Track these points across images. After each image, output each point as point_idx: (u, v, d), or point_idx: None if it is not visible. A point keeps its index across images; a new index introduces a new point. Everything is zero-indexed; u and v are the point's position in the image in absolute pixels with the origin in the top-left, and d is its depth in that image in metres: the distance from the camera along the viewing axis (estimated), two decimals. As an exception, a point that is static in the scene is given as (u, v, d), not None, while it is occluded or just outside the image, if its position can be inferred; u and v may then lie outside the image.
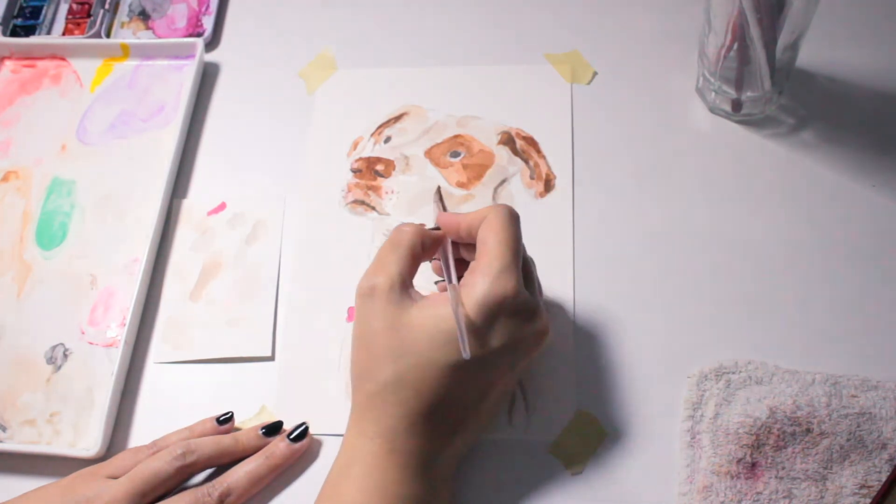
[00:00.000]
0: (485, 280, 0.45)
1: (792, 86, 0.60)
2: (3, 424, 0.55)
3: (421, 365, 0.45)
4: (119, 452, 0.52)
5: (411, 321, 0.46)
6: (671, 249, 0.57)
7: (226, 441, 0.51)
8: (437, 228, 0.51)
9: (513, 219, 0.48)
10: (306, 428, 0.52)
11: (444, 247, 0.50)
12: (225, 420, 0.53)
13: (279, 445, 0.51)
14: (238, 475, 0.50)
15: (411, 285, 0.48)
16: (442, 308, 0.45)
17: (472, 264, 0.48)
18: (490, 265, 0.46)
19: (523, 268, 0.48)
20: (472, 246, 0.49)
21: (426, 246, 0.49)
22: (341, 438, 0.49)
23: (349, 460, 0.47)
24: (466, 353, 0.44)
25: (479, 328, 0.45)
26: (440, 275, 0.53)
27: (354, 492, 0.45)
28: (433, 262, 0.54)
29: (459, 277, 0.49)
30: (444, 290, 0.52)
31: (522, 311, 0.46)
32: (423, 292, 0.49)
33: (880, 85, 0.61)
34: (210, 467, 0.52)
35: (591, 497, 0.50)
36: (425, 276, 0.55)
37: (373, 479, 0.45)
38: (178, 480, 0.50)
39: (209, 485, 0.49)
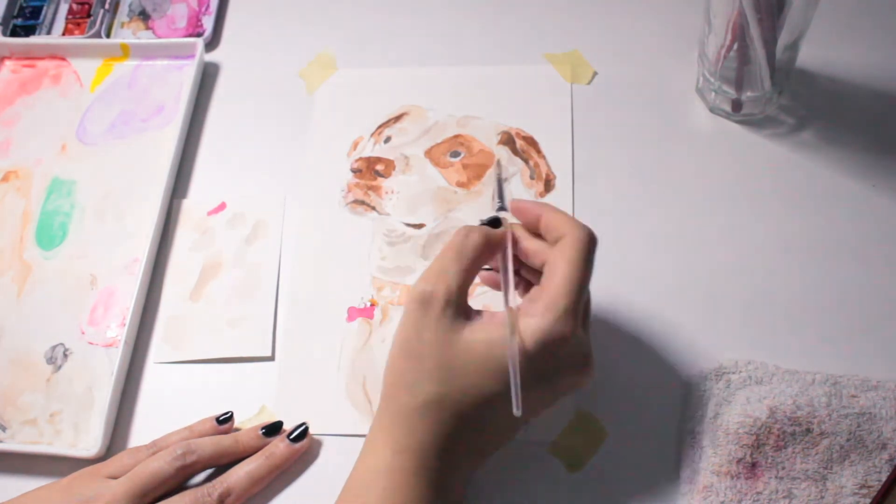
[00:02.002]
0: (546, 317, 0.43)
1: (792, 86, 0.60)
2: (2, 424, 0.55)
3: (466, 390, 0.44)
4: (119, 452, 0.52)
5: (464, 342, 0.44)
6: (671, 249, 0.57)
7: (226, 441, 0.51)
8: (495, 221, 0.48)
9: (591, 249, 0.45)
10: (306, 428, 0.52)
11: (505, 258, 0.47)
12: (225, 420, 0.53)
13: (279, 446, 0.51)
14: (238, 475, 0.50)
15: (466, 298, 0.46)
16: (496, 333, 0.44)
17: (535, 290, 0.45)
18: (555, 302, 0.43)
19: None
20: (533, 241, 0.47)
21: (493, 249, 0.47)
22: (338, 439, 0.48)
23: (375, 472, 0.45)
24: (518, 411, 0.42)
25: (530, 365, 0.43)
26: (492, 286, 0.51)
27: None
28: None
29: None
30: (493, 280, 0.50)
31: (576, 353, 0.45)
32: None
33: (880, 85, 0.61)
34: (210, 467, 0.52)
35: (591, 497, 0.50)
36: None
37: (400, 497, 0.44)
38: (178, 480, 0.50)
39: (209, 485, 0.49)
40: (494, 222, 0.48)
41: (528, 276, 0.49)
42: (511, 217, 0.49)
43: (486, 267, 0.49)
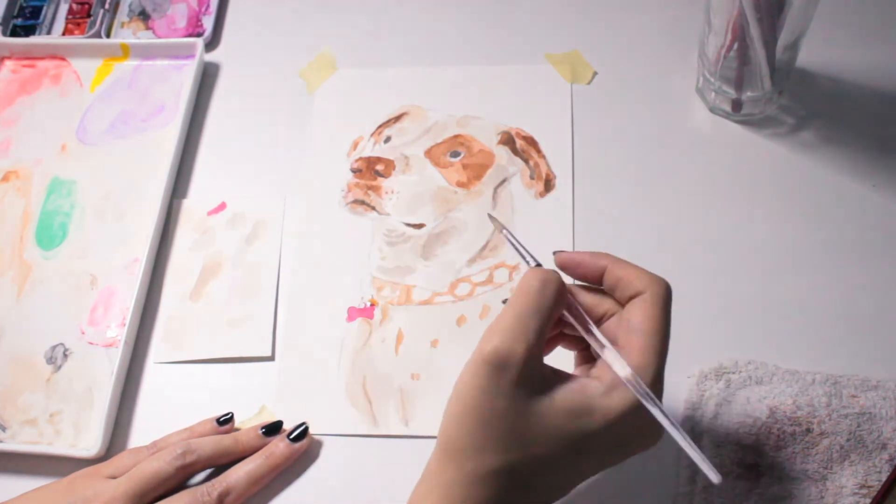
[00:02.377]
0: (644, 379, 0.39)
1: (792, 86, 0.60)
2: (2, 424, 0.55)
3: (537, 460, 0.39)
4: (119, 452, 0.52)
5: (541, 410, 0.39)
6: (671, 249, 0.57)
7: (226, 441, 0.51)
8: (539, 264, 0.43)
9: (670, 303, 0.41)
10: (306, 428, 0.52)
11: (578, 314, 0.42)
12: (225, 421, 0.53)
13: (279, 445, 0.51)
14: (238, 475, 0.50)
15: (542, 355, 0.41)
16: (577, 399, 0.39)
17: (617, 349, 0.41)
18: (646, 368, 0.39)
19: None
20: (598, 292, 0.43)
21: (563, 304, 0.42)
22: (337, 439, 0.48)
23: None
24: (718, 477, 0.38)
25: (614, 431, 0.40)
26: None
27: None
28: None
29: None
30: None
31: (653, 426, 0.41)
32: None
33: (880, 85, 0.61)
34: (210, 467, 0.52)
35: (591, 497, 0.50)
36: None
37: None
38: (177, 480, 0.50)
39: (208, 484, 0.49)
40: None
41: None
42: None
43: None
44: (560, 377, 0.41)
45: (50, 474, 0.52)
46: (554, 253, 0.44)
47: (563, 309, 0.42)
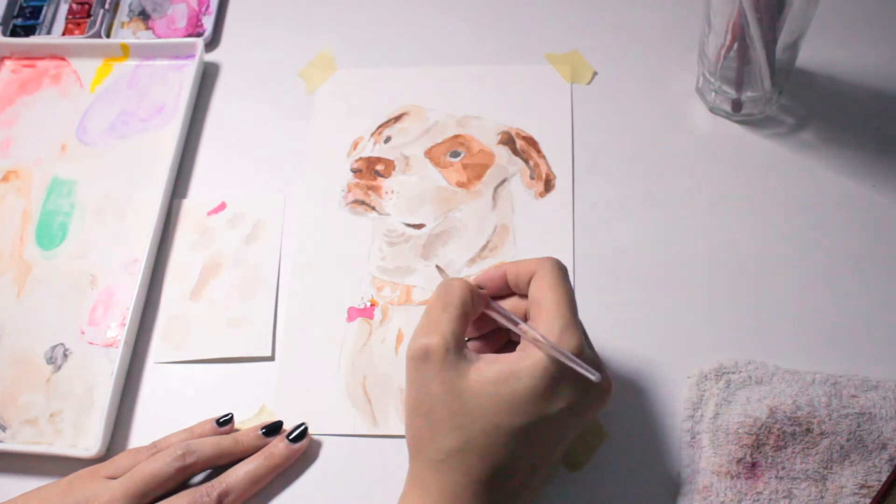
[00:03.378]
0: (550, 340, 0.43)
1: (792, 86, 0.60)
2: (3, 424, 0.55)
3: (486, 431, 0.43)
4: (119, 453, 0.52)
5: (472, 385, 0.43)
6: (671, 249, 0.57)
7: (226, 441, 0.51)
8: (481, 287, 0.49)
9: (564, 273, 0.46)
10: (305, 428, 0.52)
11: (493, 309, 0.48)
12: (225, 422, 0.53)
13: (278, 446, 0.51)
14: (237, 475, 0.50)
15: (465, 344, 0.45)
16: (504, 366, 0.43)
17: (529, 325, 0.46)
18: (552, 324, 0.44)
19: None
20: (515, 296, 0.48)
21: (475, 302, 0.47)
22: (337, 439, 0.48)
23: None
24: (597, 376, 0.42)
25: (545, 391, 0.43)
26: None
27: None
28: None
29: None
30: (480, 348, 0.50)
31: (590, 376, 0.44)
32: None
33: (880, 85, 0.61)
34: (210, 468, 0.51)
35: (591, 497, 0.50)
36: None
37: None
38: (177, 481, 0.50)
39: (208, 485, 0.49)
40: None
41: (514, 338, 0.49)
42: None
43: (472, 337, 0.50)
44: (486, 356, 0.45)
45: (50, 474, 0.52)
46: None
47: (477, 311, 0.47)
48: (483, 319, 0.48)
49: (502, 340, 0.50)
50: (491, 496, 0.44)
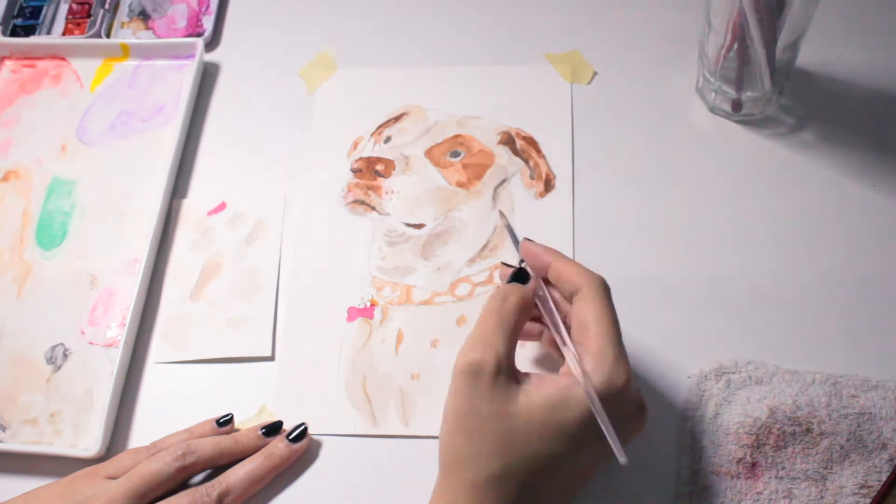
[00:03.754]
0: (601, 372, 0.42)
1: (792, 86, 0.60)
2: (3, 424, 0.55)
3: (529, 459, 0.42)
4: (119, 453, 0.52)
5: (521, 410, 0.42)
6: (671, 249, 0.57)
7: (225, 442, 0.51)
8: (519, 273, 0.47)
9: (609, 294, 0.45)
10: (305, 428, 0.52)
11: (548, 310, 0.47)
12: (225, 422, 0.53)
13: (278, 446, 0.51)
14: (237, 475, 0.50)
15: (514, 364, 0.44)
16: (550, 394, 0.42)
17: (578, 348, 0.44)
18: (603, 354, 0.43)
19: None
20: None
21: (530, 310, 0.46)
22: (337, 439, 0.48)
23: None
24: (624, 459, 0.41)
25: (593, 422, 0.42)
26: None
27: None
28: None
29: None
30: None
31: (633, 402, 0.44)
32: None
33: (880, 85, 0.61)
34: (210, 468, 0.51)
35: (590, 497, 0.50)
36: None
37: None
38: (177, 481, 0.50)
39: (208, 485, 0.49)
40: (519, 274, 0.48)
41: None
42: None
43: None
44: (534, 378, 0.44)
45: (50, 474, 0.52)
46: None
47: (529, 315, 0.46)
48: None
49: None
50: None
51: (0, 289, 0.60)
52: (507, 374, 0.43)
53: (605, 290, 0.45)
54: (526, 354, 0.54)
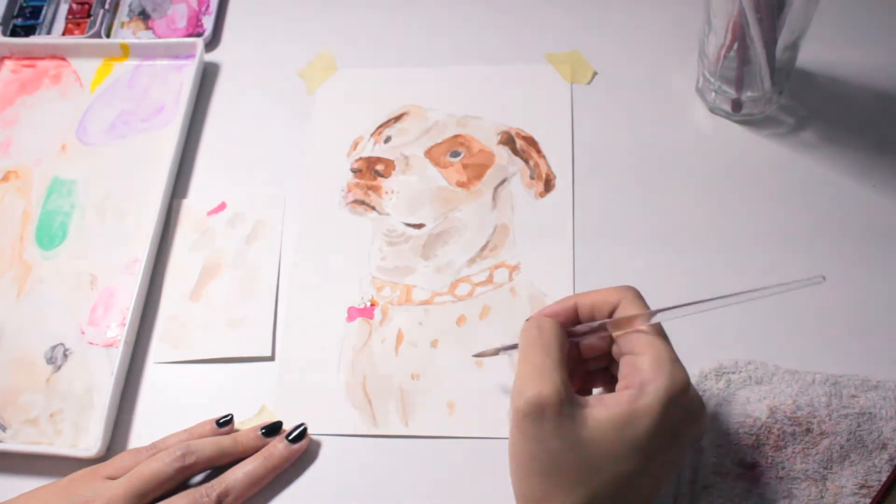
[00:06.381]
0: (662, 374, 0.41)
1: (792, 86, 0.60)
2: (3, 424, 0.55)
3: (609, 482, 0.41)
4: (119, 452, 0.52)
5: (592, 435, 0.41)
6: (671, 249, 0.57)
7: (225, 442, 0.51)
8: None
9: (644, 301, 0.44)
10: (305, 429, 0.52)
11: (574, 329, 0.45)
12: (225, 423, 0.53)
13: (278, 446, 0.51)
14: (237, 475, 0.50)
15: (573, 390, 0.43)
16: (618, 411, 0.41)
17: (628, 363, 0.43)
18: (661, 357, 0.42)
19: None
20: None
21: (567, 341, 0.44)
22: (337, 439, 0.48)
23: None
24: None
25: (661, 427, 0.41)
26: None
27: None
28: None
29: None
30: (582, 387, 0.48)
31: (694, 403, 0.44)
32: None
33: (880, 85, 0.61)
34: (210, 468, 0.51)
35: (591, 497, 0.50)
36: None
37: None
38: (177, 481, 0.50)
39: (207, 485, 0.49)
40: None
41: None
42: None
43: None
44: (595, 400, 0.42)
45: (50, 474, 0.52)
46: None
47: (567, 344, 0.44)
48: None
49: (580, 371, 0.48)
50: None
51: (0, 289, 0.60)
52: (570, 404, 0.41)
53: (640, 298, 0.44)
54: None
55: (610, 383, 0.48)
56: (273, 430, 0.52)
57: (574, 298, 0.46)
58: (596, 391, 0.49)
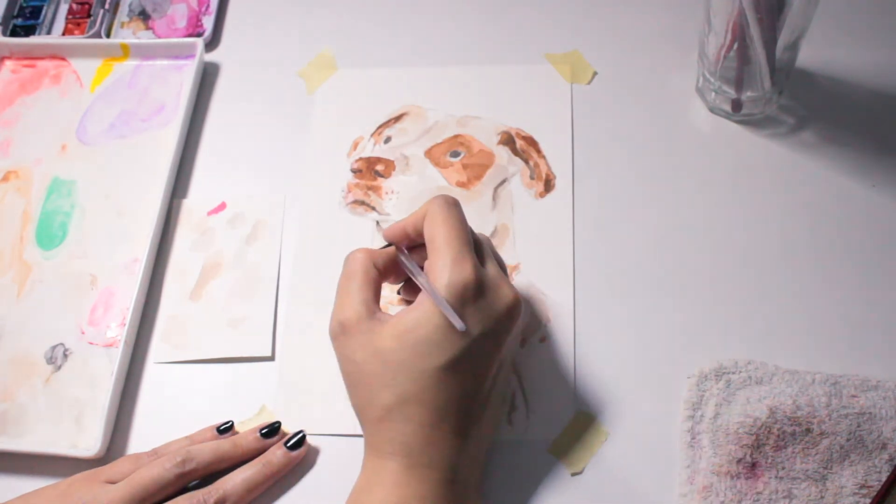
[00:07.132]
0: (443, 274, 0.45)
1: (792, 86, 0.60)
2: (2, 424, 0.55)
3: (414, 378, 0.45)
4: (119, 453, 0.52)
5: (387, 343, 0.45)
6: (671, 249, 0.57)
7: (224, 446, 0.51)
8: (389, 245, 0.51)
9: (452, 206, 0.47)
10: (303, 436, 0.52)
11: (400, 255, 0.50)
12: (225, 429, 0.53)
13: (276, 453, 0.51)
14: (234, 482, 0.50)
15: (378, 308, 0.48)
16: (410, 316, 0.45)
17: (426, 264, 0.47)
18: (443, 258, 0.45)
19: (476, 248, 0.48)
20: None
21: (381, 266, 0.49)
22: (337, 439, 0.48)
23: (369, 482, 0.46)
24: (461, 325, 0.44)
25: (451, 326, 0.45)
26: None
27: None
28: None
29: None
30: (406, 301, 0.53)
31: (486, 288, 0.46)
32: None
33: (880, 85, 0.61)
34: (209, 473, 0.51)
35: (591, 497, 0.50)
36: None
37: (395, 497, 0.45)
38: (176, 487, 0.50)
39: (205, 490, 0.49)
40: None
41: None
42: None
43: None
44: (396, 314, 0.47)
45: (50, 474, 0.52)
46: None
47: (388, 273, 0.50)
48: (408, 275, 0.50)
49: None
50: (438, 438, 0.46)
51: (0, 289, 0.60)
52: (370, 320, 0.46)
53: (444, 204, 0.47)
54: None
55: None
56: (273, 430, 0.52)
57: (401, 225, 0.49)
58: None
